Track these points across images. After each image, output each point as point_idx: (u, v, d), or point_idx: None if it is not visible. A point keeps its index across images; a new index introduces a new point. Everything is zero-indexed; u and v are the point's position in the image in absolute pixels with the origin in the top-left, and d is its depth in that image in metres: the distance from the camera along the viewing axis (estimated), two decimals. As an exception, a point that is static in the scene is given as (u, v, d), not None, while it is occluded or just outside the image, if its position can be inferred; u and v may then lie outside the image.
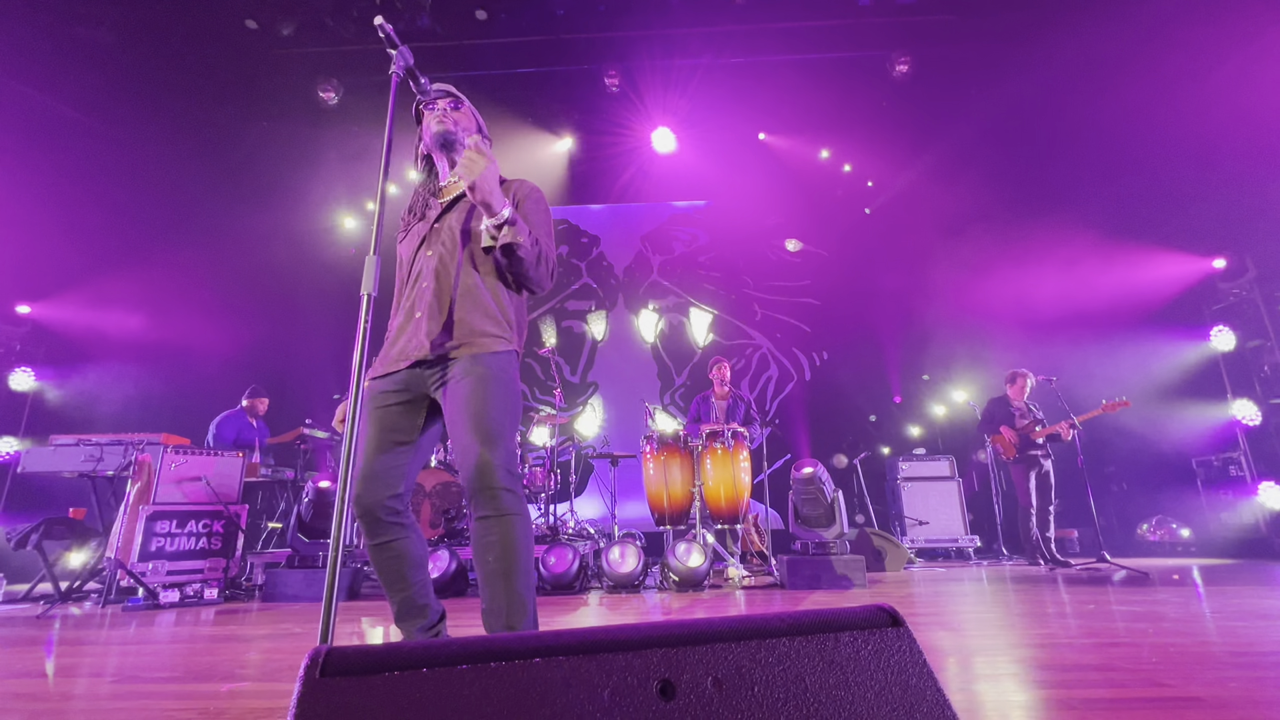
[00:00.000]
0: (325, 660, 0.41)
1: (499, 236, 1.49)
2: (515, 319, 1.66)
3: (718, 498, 4.16)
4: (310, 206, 7.66)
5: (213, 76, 6.63)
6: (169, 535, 3.89)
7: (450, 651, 0.44)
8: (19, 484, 6.10)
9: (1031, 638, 2.16)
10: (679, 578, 3.70)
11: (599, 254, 8.06)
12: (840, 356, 7.34)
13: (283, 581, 3.82)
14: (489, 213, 1.48)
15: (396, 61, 1.44)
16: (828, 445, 6.83)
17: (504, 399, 1.48)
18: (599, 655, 0.46)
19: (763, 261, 7.83)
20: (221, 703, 1.58)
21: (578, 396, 7.44)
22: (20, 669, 2.06)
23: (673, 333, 7.67)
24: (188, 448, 4.19)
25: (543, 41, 6.42)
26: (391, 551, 1.52)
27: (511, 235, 1.49)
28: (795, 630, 0.53)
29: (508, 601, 1.33)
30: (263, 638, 2.57)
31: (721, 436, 4.19)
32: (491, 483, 1.36)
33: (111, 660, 2.20)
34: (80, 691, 1.76)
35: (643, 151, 7.56)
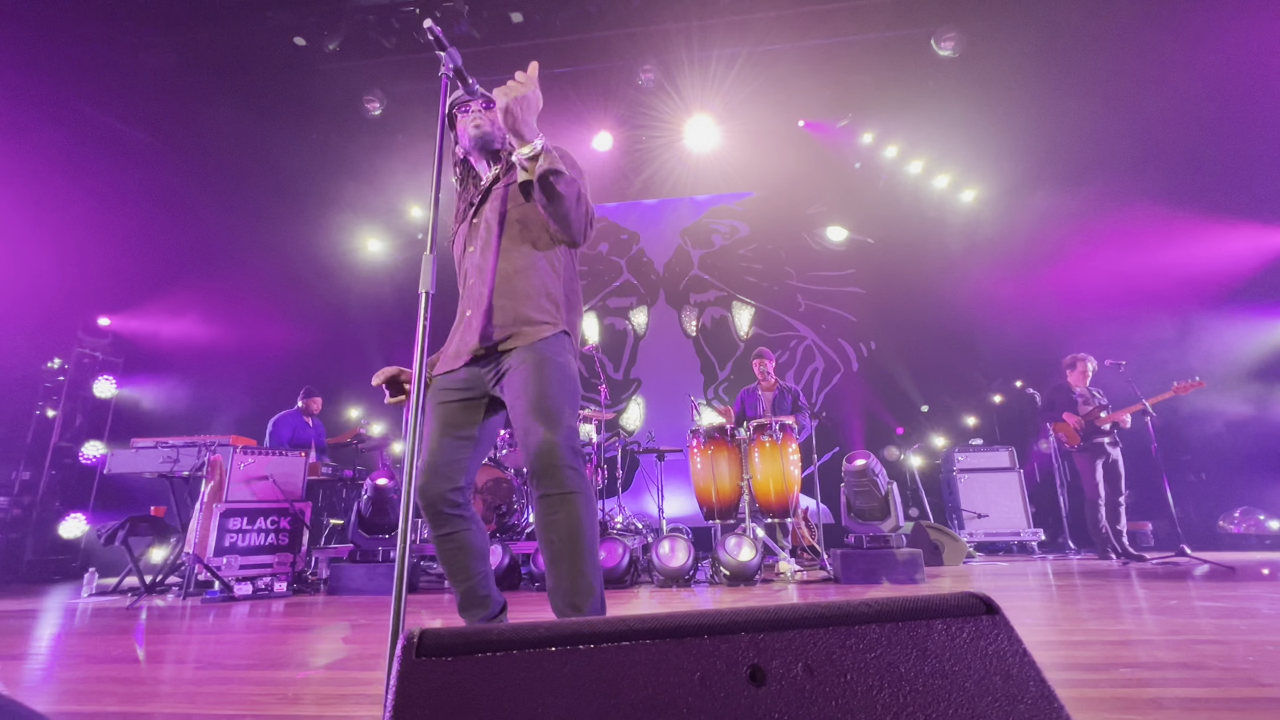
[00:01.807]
0: (420, 641, 0.42)
1: (534, 167, 1.46)
2: (564, 296, 1.63)
3: (767, 491, 4.10)
4: (358, 213, 7.92)
5: (265, 93, 6.93)
6: (240, 531, 4.09)
7: (538, 634, 0.44)
8: (106, 484, 6.54)
9: (1109, 634, 2.05)
10: (730, 572, 3.68)
11: (639, 250, 8.06)
12: (889, 345, 7.13)
13: (346, 575, 3.97)
14: (519, 140, 1.45)
15: (445, 63, 1.46)
16: (879, 437, 6.65)
17: (561, 380, 1.48)
18: (685, 640, 0.45)
19: (805, 251, 7.68)
20: (296, 689, 1.65)
21: (621, 393, 7.47)
22: (115, 655, 2.20)
23: (715, 327, 7.61)
24: (254, 448, 4.40)
25: (577, 40, 6.45)
26: (455, 543, 1.55)
27: (549, 162, 1.46)
28: (885, 616, 0.51)
29: (573, 582, 1.33)
30: (330, 629, 2.67)
31: (769, 429, 4.13)
32: (555, 461, 1.36)
33: (193, 648, 2.33)
34: (168, 677, 1.86)
35: (680, 145, 7.51)
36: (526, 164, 1.49)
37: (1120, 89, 6.05)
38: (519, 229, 1.60)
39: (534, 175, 1.48)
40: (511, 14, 6.10)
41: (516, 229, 1.60)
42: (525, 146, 1.46)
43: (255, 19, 6.23)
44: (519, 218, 1.61)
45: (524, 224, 1.61)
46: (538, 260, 1.60)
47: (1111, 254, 6.23)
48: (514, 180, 1.64)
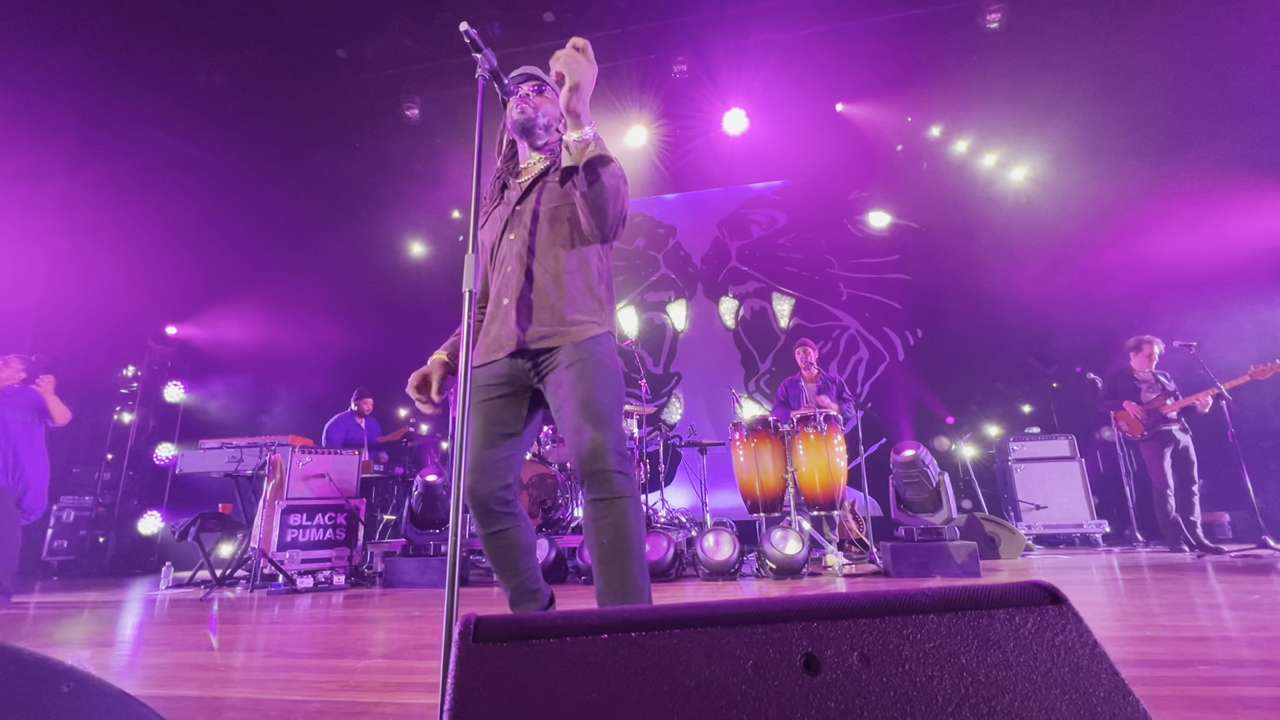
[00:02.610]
0: (476, 627, 0.43)
1: (585, 153, 1.46)
2: (606, 295, 1.63)
3: (812, 483, 4.04)
4: (401, 217, 8.15)
5: (311, 106, 7.18)
6: (301, 527, 4.28)
7: (590, 621, 0.44)
8: (177, 483, 6.95)
9: (1183, 629, 1.94)
10: (776, 565, 3.64)
11: (675, 244, 8.03)
12: (937, 333, 6.90)
13: (400, 569, 4.11)
14: (575, 123, 1.46)
15: (481, 65, 1.48)
16: (928, 427, 6.46)
17: (609, 382, 1.48)
18: (738, 628, 0.45)
19: (846, 239, 7.50)
20: (358, 677, 1.72)
21: (662, 387, 7.47)
22: (191, 644, 2.33)
23: (754, 319, 7.52)
24: (311, 448, 4.59)
25: (609, 36, 6.45)
26: (504, 540, 1.57)
27: (599, 149, 1.47)
28: (944, 606, 0.49)
29: (622, 584, 1.34)
30: (387, 620, 2.77)
31: (814, 421, 4.06)
32: (603, 465, 1.37)
33: (261, 638, 2.45)
34: (239, 664, 1.97)
35: (715, 136, 7.44)
36: (574, 148, 1.48)
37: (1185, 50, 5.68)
38: (566, 226, 1.59)
39: (580, 160, 1.48)
40: (544, 14, 6.14)
41: (565, 227, 1.59)
42: (577, 131, 1.47)
43: (298, 34, 6.45)
44: (568, 215, 1.60)
45: (571, 221, 1.60)
46: (582, 258, 1.59)
47: (1181, 228, 5.87)
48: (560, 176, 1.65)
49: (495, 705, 0.39)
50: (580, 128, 1.47)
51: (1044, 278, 6.41)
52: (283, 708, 1.45)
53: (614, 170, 1.49)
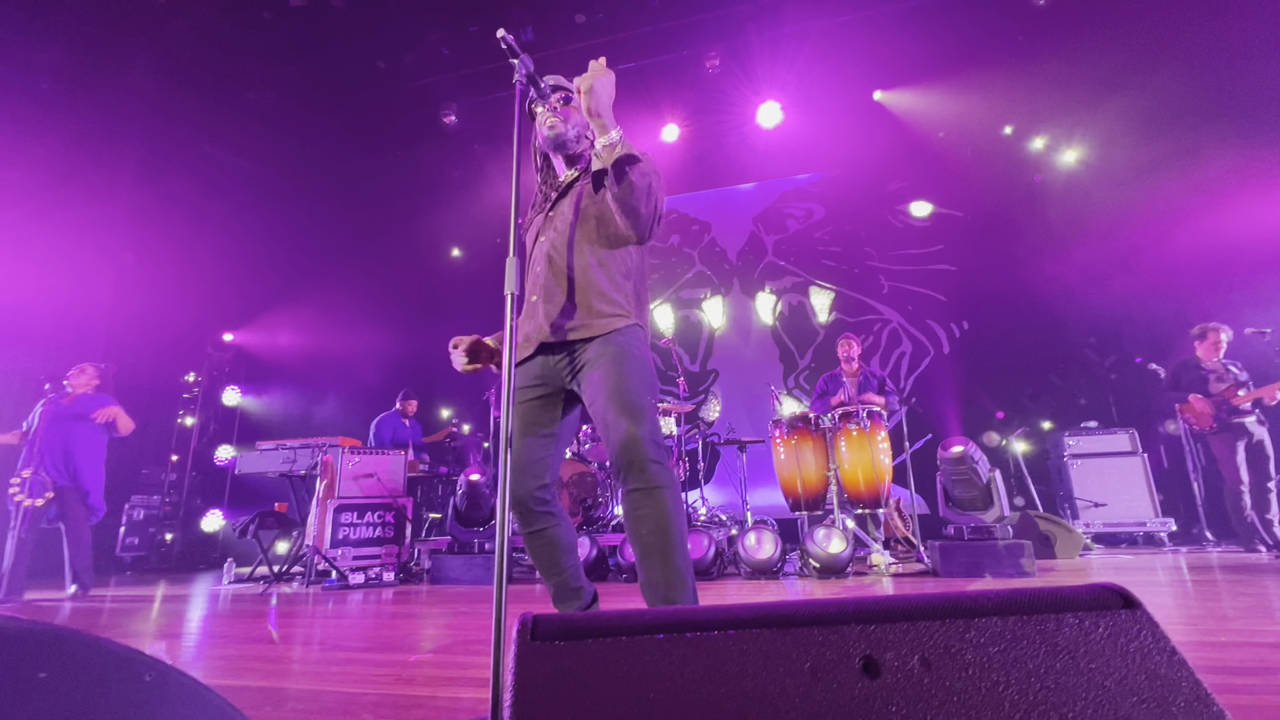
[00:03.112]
0: (534, 626, 0.43)
1: (611, 154, 1.48)
2: (635, 292, 1.63)
3: (856, 481, 3.96)
4: (441, 222, 8.33)
5: (353, 117, 7.42)
6: (352, 525, 4.43)
7: (645, 621, 0.44)
8: (237, 483, 7.28)
9: (1262, 635, 1.83)
10: (820, 564, 3.58)
11: (710, 240, 7.98)
12: (984, 325, 6.66)
13: (446, 566, 4.21)
14: (601, 127, 1.48)
15: (518, 70, 1.49)
16: (976, 422, 6.24)
17: (640, 373, 1.48)
18: (794, 629, 0.44)
19: (886, 230, 7.31)
20: (411, 671, 1.77)
21: (699, 385, 7.43)
22: (253, 636, 2.44)
23: (792, 314, 7.41)
24: (360, 448, 4.74)
25: (641, 34, 6.45)
26: (544, 539, 1.59)
27: (626, 149, 1.48)
28: (1008, 609, 0.48)
29: (665, 575, 1.34)
30: (436, 616, 2.84)
31: (856, 417, 3.98)
32: (639, 456, 1.37)
33: (317, 631, 2.54)
34: (298, 656, 2.05)
35: (749, 130, 7.36)
36: (603, 152, 1.49)
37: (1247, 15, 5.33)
38: (594, 225, 1.62)
39: (609, 162, 1.49)
40: (576, 15, 6.18)
41: (592, 225, 1.62)
42: (604, 135, 1.48)
43: (340, 49, 6.67)
44: (596, 214, 1.62)
45: (600, 220, 1.62)
46: (609, 253, 1.61)
47: (1251, 208, 5.51)
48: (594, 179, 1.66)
49: (555, 703, 0.40)
50: (606, 131, 1.48)
51: (1099, 264, 6.13)
52: (341, 699, 1.50)
53: (643, 168, 1.49)
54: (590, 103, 1.45)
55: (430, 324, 8.20)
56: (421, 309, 8.25)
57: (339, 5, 6.06)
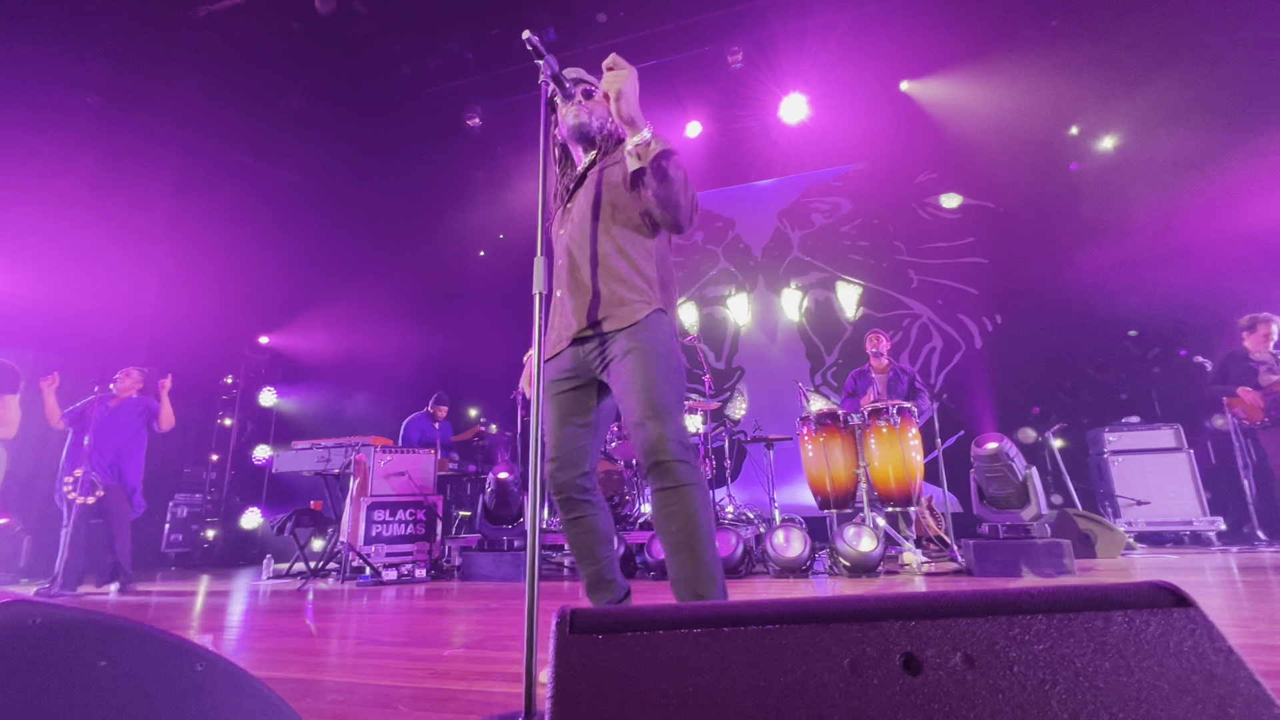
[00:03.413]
0: (572, 619, 0.44)
1: (648, 153, 1.47)
2: (658, 276, 1.62)
3: (886, 479, 3.90)
4: (466, 224, 8.44)
5: (380, 122, 7.56)
6: (384, 522, 4.52)
7: (683, 615, 0.44)
8: (274, 482, 7.49)
9: (1322, 638, 1.75)
10: (850, 563, 3.54)
11: (734, 237, 7.93)
12: (1018, 318, 6.49)
13: (476, 563, 4.27)
14: (633, 129, 1.47)
15: (544, 70, 1.51)
16: (1011, 418, 6.08)
17: (667, 371, 1.49)
18: (832, 625, 0.44)
19: (915, 223, 7.17)
20: (445, 665, 1.80)
21: (725, 382, 7.40)
22: (292, 630, 2.51)
23: (819, 310, 7.32)
24: (391, 447, 4.84)
25: (663, 32, 6.44)
26: (584, 526, 1.62)
27: (661, 145, 1.47)
28: (1054, 606, 0.46)
29: (694, 571, 1.35)
30: (467, 612, 2.88)
31: (886, 413, 3.92)
32: (665, 456, 1.38)
33: (353, 626, 2.60)
34: (335, 650, 2.10)
35: (773, 124, 7.29)
36: (636, 150, 1.49)
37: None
38: (611, 211, 1.62)
39: (646, 161, 1.48)
40: (597, 15, 6.20)
41: (609, 211, 1.62)
42: (637, 134, 1.48)
43: (366, 56, 6.80)
44: (612, 201, 1.62)
45: (617, 207, 1.62)
46: (630, 243, 1.61)
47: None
48: (608, 165, 1.66)
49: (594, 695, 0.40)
50: (638, 130, 1.48)
51: (1140, 254, 5.91)
52: (377, 691, 1.53)
53: (678, 162, 1.50)
54: (623, 108, 1.44)
55: (458, 323, 8.32)
56: (449, 309, 8.38)
57: (365, 12, 6.18)
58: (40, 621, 0.62)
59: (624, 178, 1.61)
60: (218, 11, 6.08)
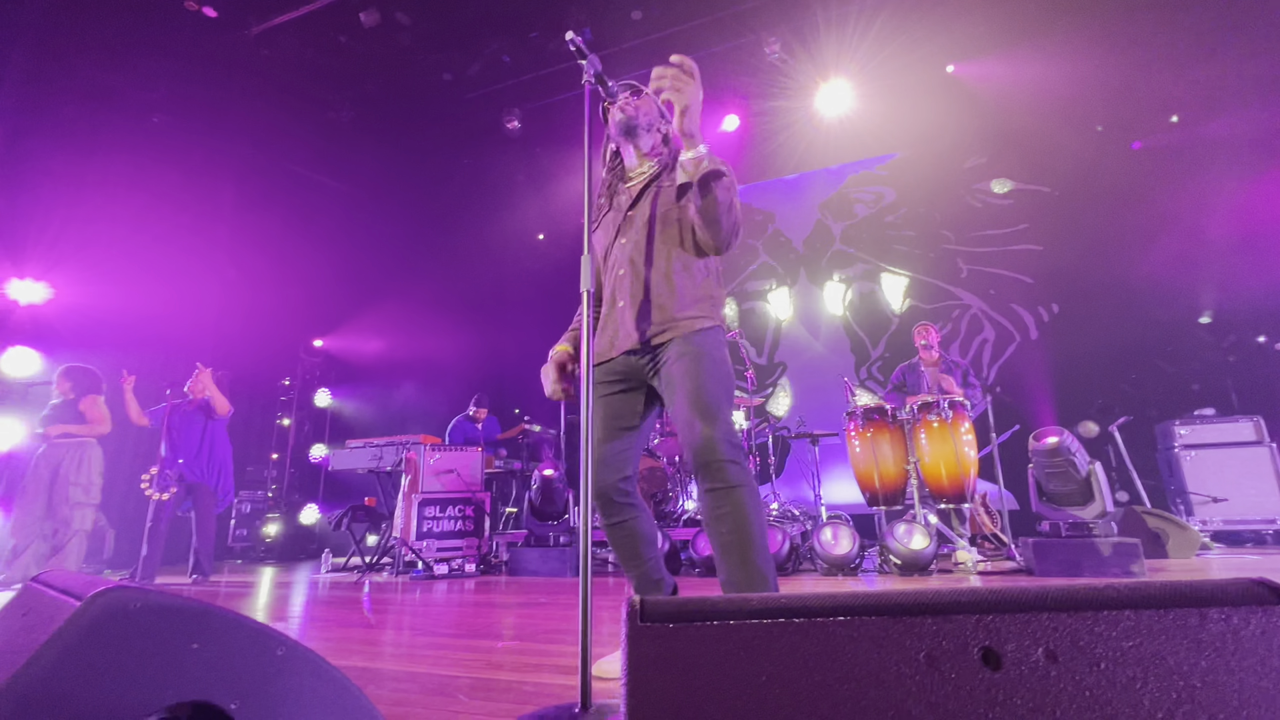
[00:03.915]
0: (642, 608, 0.45)
1: (700, 169, 1.49)
2: (715, 294, 1.66)
3: (938, 474, 3.79)
4: (509, 225, 8.59)
5: (424, 128, 7.75)
6: (435, 518, 4.65)
7: (751, 606, 0.44)
8: (330, 479, 7.79)
9: None
10: (901, 561, 3.45)
11: (775, 230, 7.82)
12: (1077, 307, 6.19)
13: (523, 558, 4.35)
14: (691, 143, 1.49)
15: (587, 70, 1.52)
16: (1071, 411, 5.81)
17: (717, 374, 1.50)
18: (905, 618, 0.43)
19: (964, 211, 6.92)
20: (499, 657, 1.84)
21: (767, 378, 7.32)
22: (353, 621, 2.61)
23: (863, 303, 7.15)
24: (440, 445, 4.97)
25: (698, 25, 6.39)
26: (625, 530, 1.63)
27: (713, 164, 1.49)
28: (1143, 602, 0.44)
29: (745, 573, 1.35)
30: (517, 606, 2.94)
31: (937, 407, 3.80)
32: (715, 456, 1.38)
33: (407, 618, 2.69)
34: (391, 640, 2.18)
35: (813, 115, 7.15)
36: (689, 165, 1.51)
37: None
38: (676, 229, 1.64)
39: (695, 177, 1.50)
40: (632, 12, 6.20)
41: (675, 229, 1.64)
42: (691, 150, 1.49)
43: (409, 64, 6.97)
44: (677, 218, 1.64)
45: (682, 225, 1.64)
46: (691, 260, 1.63)
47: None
48: (674, 182, 1.67)
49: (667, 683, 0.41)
50: (695, 146, 1.49)
51: (1211, 236, 5.56)
52: (438, 680, 1.58)
53: (726, 184, 1.51)
54: (685, 122, 1.45)
55: (502, 322, 8.47)
56: (493, 309, 8.54)
57: (407, 23, 6.35)
58: (140, 606, 0.66)
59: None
60: (270, 30, 6.34)
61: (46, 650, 0.59)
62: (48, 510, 4.16)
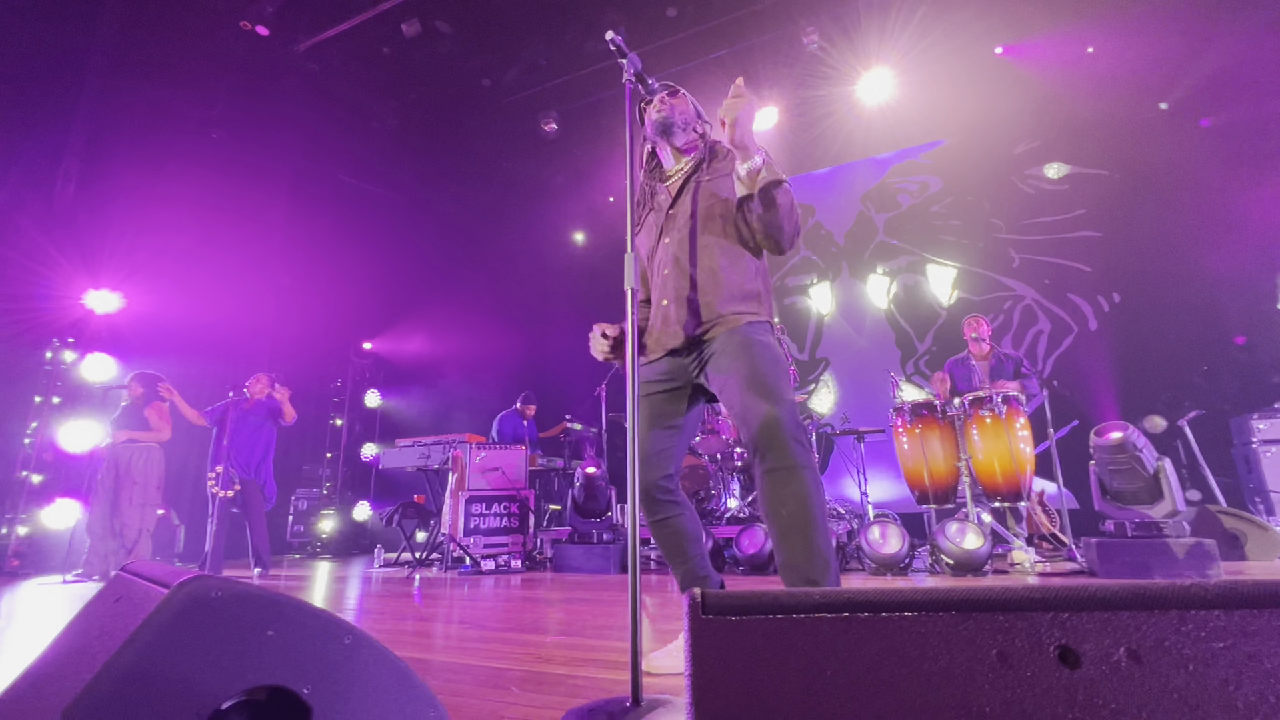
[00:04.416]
0: (704, 601, 0.45)
1: (757, 181, 1.48)
2: (762, 289, 1.64)
3: (992, 472, 3.65)
4: (549, 225, 8.69)
5: (464, 134, 7.92)
6: (481, 515, 4.75)
7: (814, 600, 0.44)
8: (380, 478, 8.05)
9: None
10: (953, 561, 3.35)
11: (815, 224, 7.68)
12: (1141, 295, 5.86)
13: (567, 555, 4.40)
14: (744, 155, 1.47)
15: (627, 69, 1.53)
16: (1135, 405, 5.51)
17: (771, 359, 1.49)
18: (975, 614, 0.42)
19: (1015, 198, 6.65)
20: (548, 651, 1.87)
21: (809, 374, 7.20)
22: (406, 614, 2.69)
23: (908, 296, 6.96)
24: (485, 444, 5.07)
25: (734, 19, 6.33)
26: (670, 528, 1.63)
27: (771, 173, 1.48)
28: (1233, 601, 0.42)
29: (807, 555, 1.31)
30: (562, 601, 2.98)
31: (990, 402, 3.67)
32: (779, 434, 1.35)
33: (457, 612, 2.76)
34: (443, 633, 2.23)
35: (853, 104, 6.99)
36: (746, 177, 1.50)
37: None
38: (719, 225, 1.63)
39: (754, 188, 1.50)
40: (666, 10, 6.18)
41: (718, 225, 1.63)
42: (746, 161, 1.48)
43: (449, 72, 7.13)
44: (720, 214, 1.63)
45: (724, 220, 1.63)
46: (737, 253, 1.62)
47: None
48: (716, 176, 1.67)
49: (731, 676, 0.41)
50: (750, 157, 1.48)
51: (1292, 216, 5.18)
52: (490, 673, 1.62)
53: (786, 189, 1.50)
54: (736, 135, 1.45)
55: (543, 322, 8.59)
56: (534, 308, 8.66)
57: (446, 31, 6.49)
58: (220, 595, 0.70)
59: (733, 191, 1.62)
60: (317, 44, 6.59)
61: (140, 633, 0.63)
62: (113, 510, 4.43)
